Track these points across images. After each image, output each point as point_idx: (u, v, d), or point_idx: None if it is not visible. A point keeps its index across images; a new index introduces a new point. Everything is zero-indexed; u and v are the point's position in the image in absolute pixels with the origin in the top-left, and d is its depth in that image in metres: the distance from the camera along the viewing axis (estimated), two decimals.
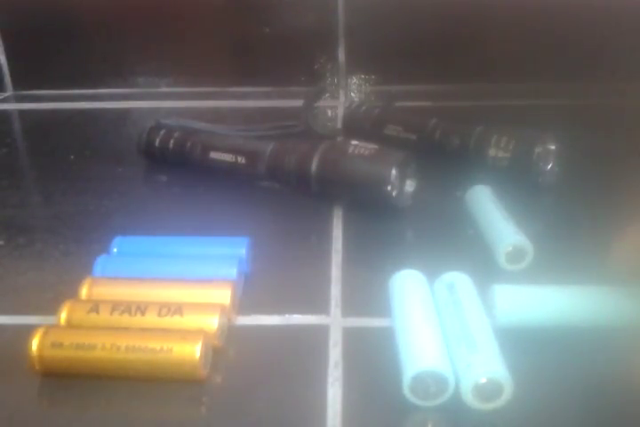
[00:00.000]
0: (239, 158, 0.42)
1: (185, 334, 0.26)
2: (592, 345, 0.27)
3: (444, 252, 0.35)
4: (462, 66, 0.63)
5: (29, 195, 0.45)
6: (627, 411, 0.24)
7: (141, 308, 0.27)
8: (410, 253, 0.35)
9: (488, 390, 0.24)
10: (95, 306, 0.27)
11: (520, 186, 0.41)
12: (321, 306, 0.30)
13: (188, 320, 0.27)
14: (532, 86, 0.61)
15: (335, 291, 0.32)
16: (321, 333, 0.29)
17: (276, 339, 0.28)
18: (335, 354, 0.27)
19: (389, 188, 0.37)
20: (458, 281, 0.29)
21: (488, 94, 0.60)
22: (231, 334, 0.28)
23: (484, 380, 0.23)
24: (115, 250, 0.32)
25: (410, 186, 0.39)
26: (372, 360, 0.27)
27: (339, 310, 0.30)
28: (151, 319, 0.27)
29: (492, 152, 0.42)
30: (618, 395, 0.25)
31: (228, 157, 0.42)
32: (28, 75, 0.67)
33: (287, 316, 0.30)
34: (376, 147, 0.39)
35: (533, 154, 0.41)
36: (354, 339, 0.28)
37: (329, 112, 0.60)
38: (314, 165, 0.39)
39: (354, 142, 0.39)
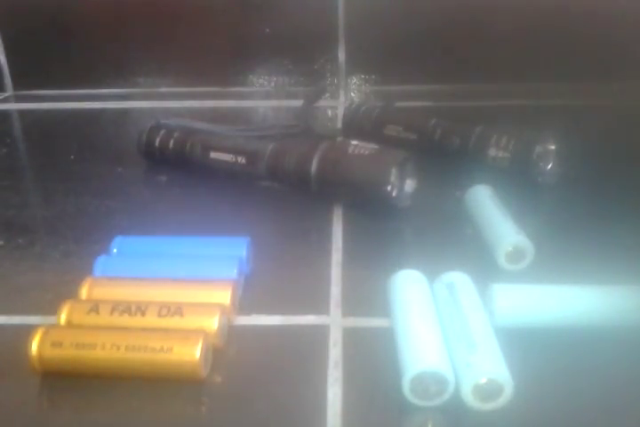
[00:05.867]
0: (239, 158, 0.42)
1: (185, 334, 0.26)
2: (592, 345, 0.27)
3: (443, 252, 0.35)
4: (462, 66, 0.63)
5: (29, 195, 0.45)
6: (626, 409, 0.24)
7: (141, 308, 0.27)
8: (410, 253, 0.35)
9: (488, 390, 0.24)
10: (95, 306, 0.27)
11: (520, 186, 0.41)
12: (321, 306, 0.30)
13: (188, 320, 0.27)
14: (532, 86, 0.61)
15: (335, 291, 0.32)
16: (321, 333, 0.29)
17: (276, 339, 0.28)
18: (335, 354, 0.27)
19: (389, 188, 0.37)
20: (458, 281, 0.29)
21: (488, 94, 0.60)
22: (231, 334, 0.28)
23: (483, 380, 0.23)
24: (115, 250, 0.32)
25: (410, 186, 0.39)
26: (372, 360, 0.27)
27: (339, 310, 0.30)
28: (151, 319, 0.27)
29: (491, 152, 0.42)
30: (617, 394, 0.25)
31: (227, 157, 0.42)
32: (28, 75, 0.67)
33: (287, 316, 0.30)
34: (376, 147, 0.39)
35: (533, 154, 0.41)
36: (354, 339, 0.28)
37: (329, 112, 0.60)
38: (314, 165, 0.39)
39: (354, 142, 0.39)
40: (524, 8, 0.61)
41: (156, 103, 0.63)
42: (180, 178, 0.45)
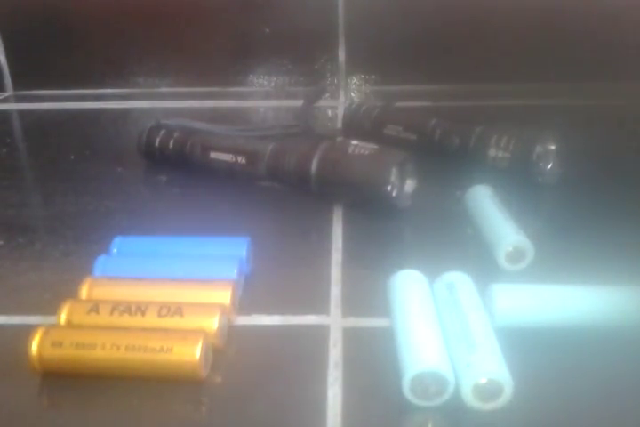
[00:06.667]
0: (239, 158, 0.42)
1: (185, 334, 0.26)
2: (592, 345, 0.27)
3: (443, 252, 0.35)
4: (462, 66, 0.63)
5: (29, 195, 0.45)
6: (627, 410, 0.24)
7: (141, 308, 0.27)
8: (410, 253, 0.35)
9: (488, 390, 0.24)
10: (95, 306, 0.27)
11: (520, 186, 0.41)
12: (321, 306, 0.30)
13: (188, 320, 0.27)
14: (532, 86, 0.61)
15: (335, 291, 0.32)
16: (321, 333, 0.29)
17: (276, 339, 0.28)
18: (335, 354, 0.27)
19: (389, 188, 0.37)
20: (458, 281, 0.29)
21: (488, 94, 0.60)
22: (231, 334, 0.28)
23: (483, 380, 0.23)
24: (115, 250, 0.32)
25: (410, 186, 0.39)
26: (372, 360, 0.27)
27: (339, 310, 0.30)
28: (151, 319, 0.27)
29: (491, 152, 0.42)
30: (617, 394, 0.25)
31: (227, 157, 0.42)
32: (28, 75, 0.67)
33: (287, 316, 0.30)
34: (376, 147, 0.39)
35: (533, 154, 0.41)
36: (354, 339, 0.28)
37: (329, 112, 0.60)
38: (314, 165, 0.39)
39: (354, 142, 0.39)
40: (524, 8, 0.61)
41: (156, 103, 0.63)
42: (180, 178, 0.45)
